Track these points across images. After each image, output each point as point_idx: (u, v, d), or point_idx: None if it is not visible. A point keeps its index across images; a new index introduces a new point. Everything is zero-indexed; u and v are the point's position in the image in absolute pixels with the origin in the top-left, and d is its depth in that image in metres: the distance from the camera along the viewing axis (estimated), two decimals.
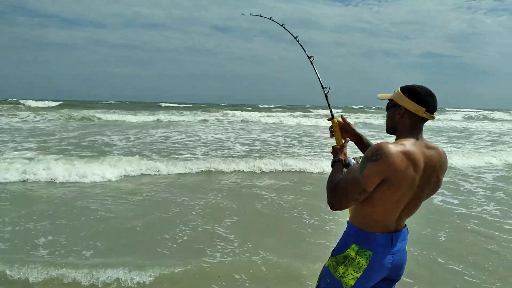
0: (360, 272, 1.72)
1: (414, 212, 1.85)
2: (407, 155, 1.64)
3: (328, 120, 2.23)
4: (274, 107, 54.48)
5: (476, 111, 53.51)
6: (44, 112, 24.18)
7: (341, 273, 1.75)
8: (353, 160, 2.02)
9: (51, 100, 42.75)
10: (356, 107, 67.50)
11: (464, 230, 5.04)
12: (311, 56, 2.37)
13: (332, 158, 2.01)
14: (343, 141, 2.11)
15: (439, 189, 1.95)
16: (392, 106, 1.81)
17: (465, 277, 3.69)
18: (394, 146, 1.65)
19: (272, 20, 2.69)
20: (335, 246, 1.87)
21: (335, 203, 1.71)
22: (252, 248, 4.22)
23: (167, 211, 5.48)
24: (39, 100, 39.00)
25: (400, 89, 1.79)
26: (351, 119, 28.17)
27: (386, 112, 1.87)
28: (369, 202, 1.71)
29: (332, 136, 2.20)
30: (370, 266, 1.72)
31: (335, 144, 2.13)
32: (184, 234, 4.59)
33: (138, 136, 14.82)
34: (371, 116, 34.54)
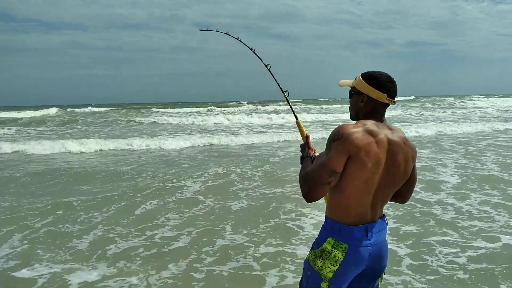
0: (337, 265, 1.77)
1: (388, 199, 1.89)
2: (367, 131, 1.73)
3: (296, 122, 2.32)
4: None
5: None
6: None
7: (319, 266, 1.80)
8: None
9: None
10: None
11: None
12: (268, 64, 2.48)
13: (301, 155, 2.09)
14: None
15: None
16: (354, 94, 1.89)
17: None
18: (354, 125, 1.76)
19: (228, 35, 2.81)
20: (315, 239, 1.94)
21: (308, 192, 1.74)
22: None
23: None
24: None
25: (361, 76, 1.86)
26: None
27: (349, 99, 1.94)
28: (339, 188, 1.76)
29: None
30: (346, 259, 1.76)
31: (302, 142, 2.22)
32: None
33: None
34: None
